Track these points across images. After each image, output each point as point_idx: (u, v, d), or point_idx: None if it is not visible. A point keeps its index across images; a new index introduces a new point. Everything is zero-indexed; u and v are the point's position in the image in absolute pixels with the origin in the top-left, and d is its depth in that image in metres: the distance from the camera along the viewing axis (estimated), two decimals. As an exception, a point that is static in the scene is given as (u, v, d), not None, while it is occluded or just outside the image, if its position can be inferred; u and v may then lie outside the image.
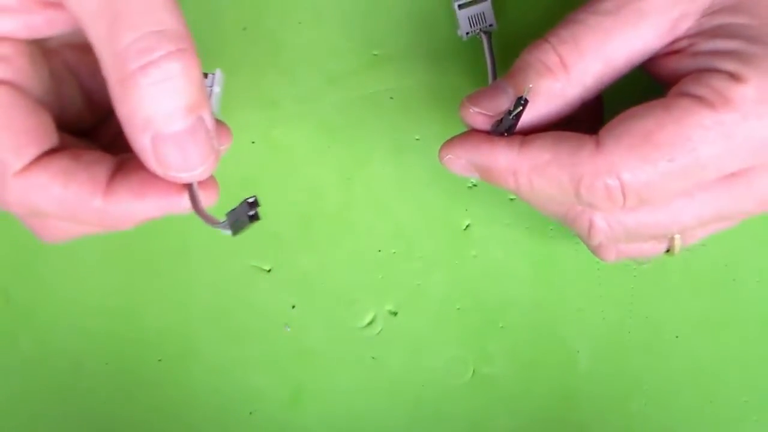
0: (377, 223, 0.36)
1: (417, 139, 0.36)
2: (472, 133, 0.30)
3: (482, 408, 0.36)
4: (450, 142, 0.30)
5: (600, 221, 0.30)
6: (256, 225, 0.25)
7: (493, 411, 0.36)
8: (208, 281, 0.35)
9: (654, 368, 0.36)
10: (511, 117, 0.28)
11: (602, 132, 0.27)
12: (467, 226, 0.36)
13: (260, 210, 0.27)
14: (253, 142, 0.35)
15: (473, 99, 0.30)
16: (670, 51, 0.29)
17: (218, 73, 0.29)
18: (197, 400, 0.35)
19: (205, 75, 0.30)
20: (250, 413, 0.35)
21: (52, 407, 0.35)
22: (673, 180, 0.27)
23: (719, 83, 0.26)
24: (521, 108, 0.28)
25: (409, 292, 0.36)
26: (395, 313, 0.36)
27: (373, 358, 0.36)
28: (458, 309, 0.36)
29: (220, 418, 0.35)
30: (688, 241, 0.31)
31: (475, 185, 0.36)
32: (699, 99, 0.26)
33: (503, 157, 0.29)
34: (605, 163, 0.27)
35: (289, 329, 0.35)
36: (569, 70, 0.28)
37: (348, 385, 0.36)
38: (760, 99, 0.26)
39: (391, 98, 0.36)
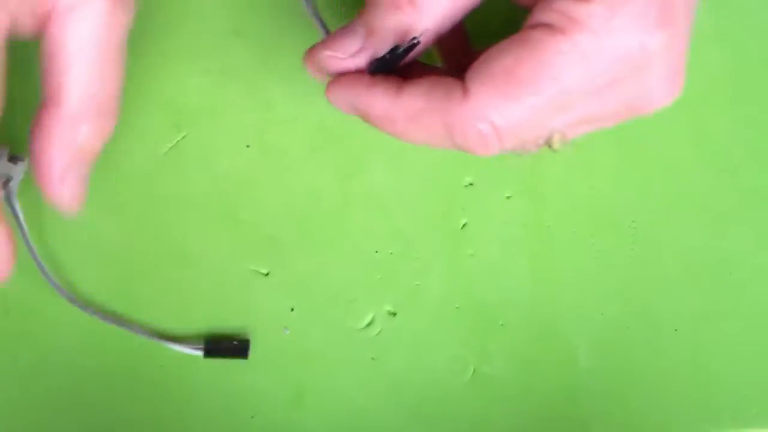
0: (374, 223, 0.36)
1: (412, 139, 0.36)
2: (353, 74, 0.29)
3: (482, 407, 0.36)
4: (334, 80, 0.30)
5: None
6: (254, 229, 0.25)
7: (494, 410, 0.36)
8: (207, 286, 0.35)
9: (654, 362, 0.36)
10: (398, 53, 0.28)
11: (467, 76, 0.27)
12: (464, 225, 0.36)
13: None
14: (247, 146, 0.35)
15: (326, 44, 0.29)
16: None
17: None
18: (199, 403, 0.35)
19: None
20: (252, 417, 0.35)
21: (51, 408, 0.35)
22: (543, 111, 0.27)
23: (565, 6, 0.26)
24: (408, 47, 0.28)
25: (407, 292, 0.36)
26: (394, 314, 0.36)
27: (372, 358, 0.36)
28: (457, 308, 0.36)
29: (221, 421, 0.35)
30: (567, 138, 0.30)
31: (471, 184, 0.36)
32: (549, 27, 0.26)
33: (379, 104, 0.28)
34: (473, 109, 0.27)
35: (288, 332, 0.35)
36: (416, 4, 0.28)
37: (348, 386, 0.36)
38: (609, 14, 0.26)
39: (386, 98, 0.36)
